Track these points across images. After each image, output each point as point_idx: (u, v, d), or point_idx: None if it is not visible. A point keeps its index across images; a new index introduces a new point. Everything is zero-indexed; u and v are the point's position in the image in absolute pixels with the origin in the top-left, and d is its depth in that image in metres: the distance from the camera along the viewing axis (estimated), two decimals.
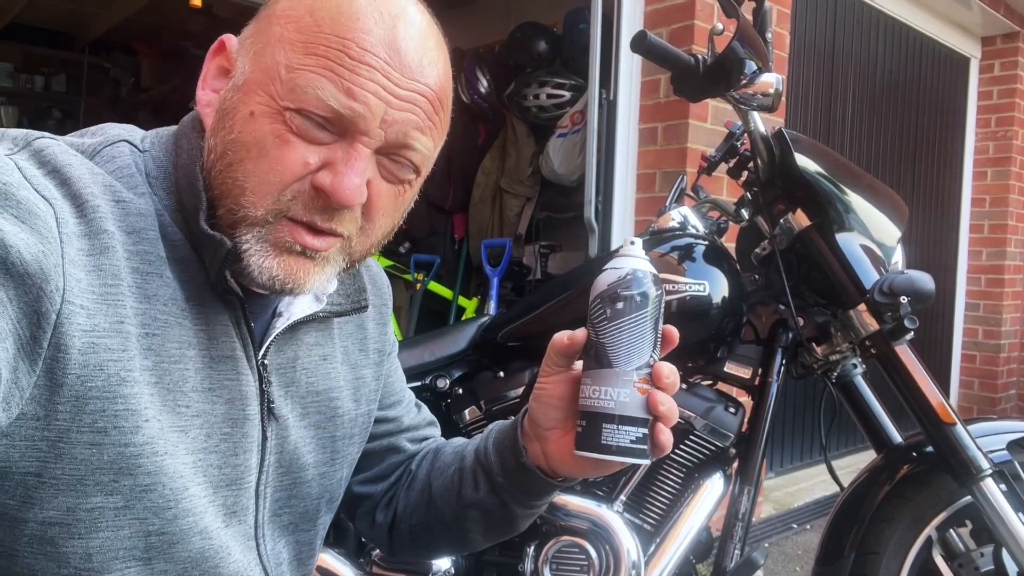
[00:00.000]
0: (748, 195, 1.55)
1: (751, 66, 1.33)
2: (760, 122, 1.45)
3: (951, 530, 1.49)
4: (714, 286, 1.42)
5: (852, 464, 2.49)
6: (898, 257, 1.45)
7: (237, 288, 0.68)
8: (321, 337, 0.82)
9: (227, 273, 0.66)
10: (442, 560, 1.42)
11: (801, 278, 1.47)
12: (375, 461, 0.96)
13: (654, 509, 1.46)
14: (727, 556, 1.43)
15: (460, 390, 1.55)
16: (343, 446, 0.84)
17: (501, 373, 1.54)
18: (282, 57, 0.64)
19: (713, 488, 1.44)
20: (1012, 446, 1.45)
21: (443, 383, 1.54)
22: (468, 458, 0.90)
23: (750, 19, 1.39)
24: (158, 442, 0.63)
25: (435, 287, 3.91)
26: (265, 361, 0.74)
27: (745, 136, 1.52)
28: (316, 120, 0.64)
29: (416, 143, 0.68)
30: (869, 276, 1.38)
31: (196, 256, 0.68)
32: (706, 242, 1.49)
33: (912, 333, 1.34)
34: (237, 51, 0.69)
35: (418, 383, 1.53)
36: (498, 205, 3.99)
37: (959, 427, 1.39)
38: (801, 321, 1.45)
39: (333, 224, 0.67)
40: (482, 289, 3.88)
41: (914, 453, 1.52)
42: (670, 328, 0.74)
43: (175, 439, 0.65)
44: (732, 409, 1.46)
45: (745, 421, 1.49)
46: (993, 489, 1.35)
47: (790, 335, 1.50)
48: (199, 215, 0.66)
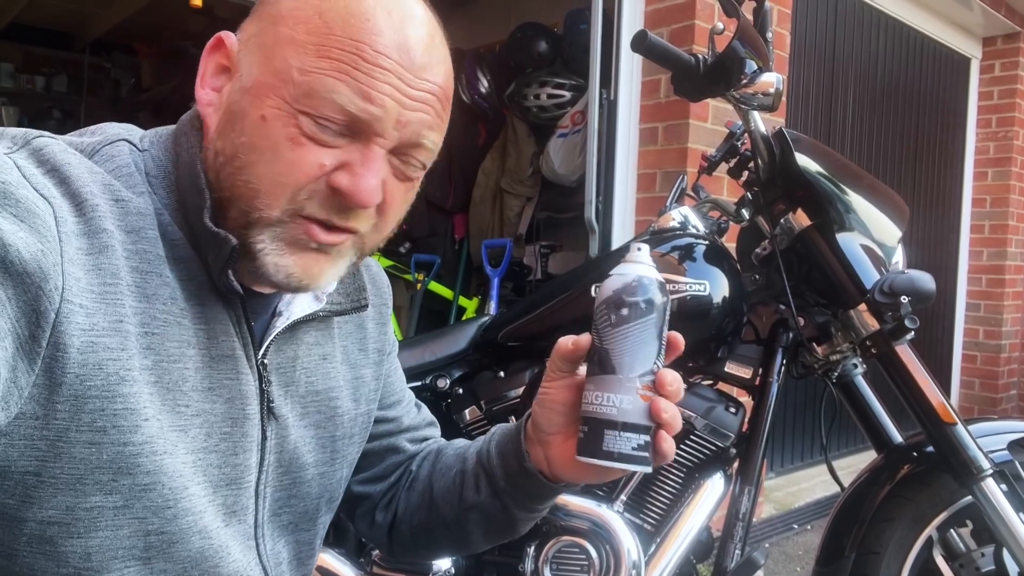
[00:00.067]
0: (748, 195, 1.55)
1: (751, 66, 1.33)
2: (760, 122, 1.45)
3: (952, 530, 1.49)
4: (715, 286, 1.42)
5: (853, 464, 2.48)
6: (899, 257, 1.45)
7: (238, 287, 0.68)
8: (321, 337, 0.82)
9: (229, 272, 0.66)
10: (442, 560, 1.42)
11: (802, 278, 1.47)
12: (375, 461, 0.95)
13: (654, 509, 1.46)
14: (727, 556, 1.43)
15: (460, 390, 1.55)
16: (343, 446, 0.84)
17: (501, 373, 1.54)
18: (294, 60, 0.63)
19: (714, 488, 1.44)
20: (1013, 446, 1.45)
21: (443, 383, 1.54)
22: (470, 461, 0.90)
23: (750, 19, 1.39)
24: (157, 441, 0.63)
25: (435, 287, 3.90)
26: (265, 360, 0.74)
27: (745, 136, 1.52)
28: (331, 123, 0.64)
29: (426, 141, 0.69)
30: (870, 276, 1.38)
31: (196, 255, 0.68)
32: (706, 242, 1.49)
33: (913, 333, 1.34)
34: (238, 49, 0.68)
35: (418, 383, 1.53)
36: (498, 205, 3.99)
37: (960, 427, 1.38)
38: (802, 321, 1.45)
39: (350, 223, 0.67)
40: (482, 289, 3.88)
41: (915, 453, 1.52)
42: (675, 335, 0.74)
43: (174, 438, 0.64)
44: (733, 409, 1.45)
45: (745, 421, 1.49)
46: (994, 489, 1.35)
47: (791, 335, 1.50)
48: (202, 212, 0.66)
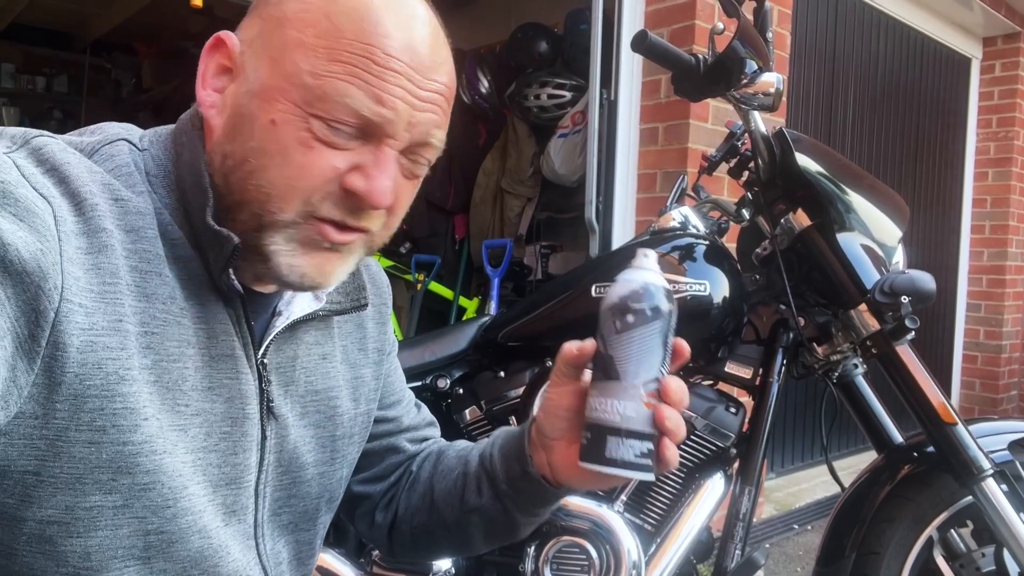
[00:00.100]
0: (749, 195, 1.55)
1: (752, 66, 1.33)
2: (761, 122, 1.45)
3: (952, 530, 1.49)
4: (715, 286, 1.42)
5: (853, 464, 2.48)
6: (899, 257, 1.45)
7: (239, 286, 0.68)
8: (321, 336, 0.81)
9: (230, 271, 0.66)
10: (442, 560, 1.42)
11: (802, 278, 1.47)
12: (374, 461, 0.95)
13: (655, 509, 1.46)
14: (728, 556, 1.43)
15: (460, 390, 1.55)
16: (343, 445, 0.84)
17: (502, 373, 1.54)
18: (304, 64, 0.63)
19: (714, 488, 1.44)
20: (1013, 446, 1.44)
21: (443, 383, 1.54)
22: (472, 463, 0.89)
23: (751, 19, 1.39)
24: (157, 441, 0.63)
25: (436, 287, 3.90)
26: (265, 360, 0.74)
27: (746, 136, 1.52)
28: (344, 126, 0.64)
29: (434, 140, 0.69)
30: (870, 276, 1.38)
31: (196, 254, 0.68)
32: (707, 242, 1.49)
33: (913, 333, 1.34)
34: (241, 50, 0.68)
35: (418, 383, 1.53)
36: (499, 205, 3.99)
37: (960, 427, 1.38)
38: (802, 321, 1.45)
39: (362, 222, 0.68)
40: (483, 289, 3.88)
41: (915, 453, 1.51)
42: (681, 343, 0.73)
43: (174, 438, 0.64)
44: (733, 409, 1.45)
45: (746, 421, 1.49)
46: (994, 489, 1.35)
47: (791, 335, 1.50)
48: (205, 212, 0.66)
